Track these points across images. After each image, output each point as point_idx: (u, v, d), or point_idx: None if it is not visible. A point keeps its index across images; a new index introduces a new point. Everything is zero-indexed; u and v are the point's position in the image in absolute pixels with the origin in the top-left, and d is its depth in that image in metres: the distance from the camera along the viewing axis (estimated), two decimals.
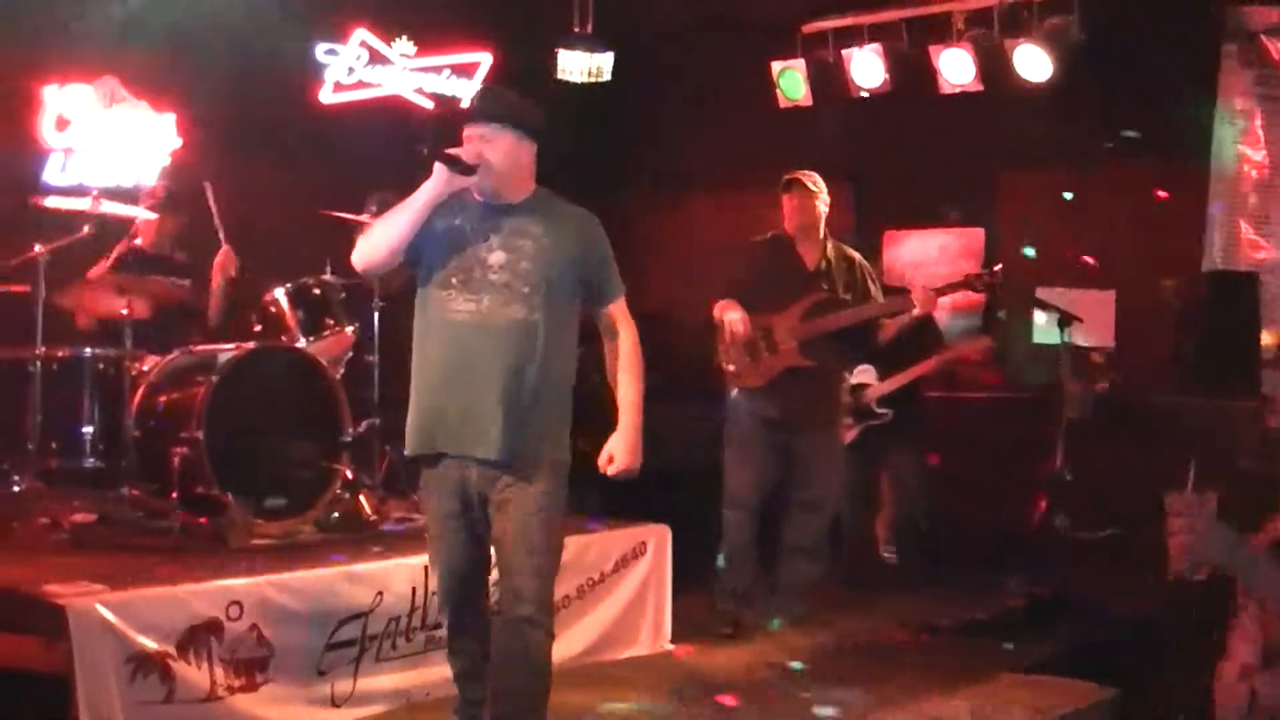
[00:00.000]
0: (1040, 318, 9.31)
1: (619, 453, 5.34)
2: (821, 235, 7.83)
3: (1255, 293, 8.70)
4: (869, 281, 7.97)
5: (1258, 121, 9.23)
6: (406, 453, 5.32)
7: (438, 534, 5.30)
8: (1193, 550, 3.40)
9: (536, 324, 5.09)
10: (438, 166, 5.09)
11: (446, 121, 5.32)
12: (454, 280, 5.14)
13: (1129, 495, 8.91)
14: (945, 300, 9.95)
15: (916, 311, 7.85)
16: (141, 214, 8.03)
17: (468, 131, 5.18)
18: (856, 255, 8.03)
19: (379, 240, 5.22)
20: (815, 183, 7.80)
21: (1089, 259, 9.77)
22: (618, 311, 5.41)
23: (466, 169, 5.08)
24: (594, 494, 6.14)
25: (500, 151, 5.13)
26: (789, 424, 7.73)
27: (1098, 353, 9.49)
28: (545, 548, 5.16)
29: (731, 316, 7.57)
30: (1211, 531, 3.40)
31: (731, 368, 7.74)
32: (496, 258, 5.12)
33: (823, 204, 7.80)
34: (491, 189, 5.18)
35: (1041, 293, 9.04)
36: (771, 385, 7.69)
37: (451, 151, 5.11)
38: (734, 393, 7.81)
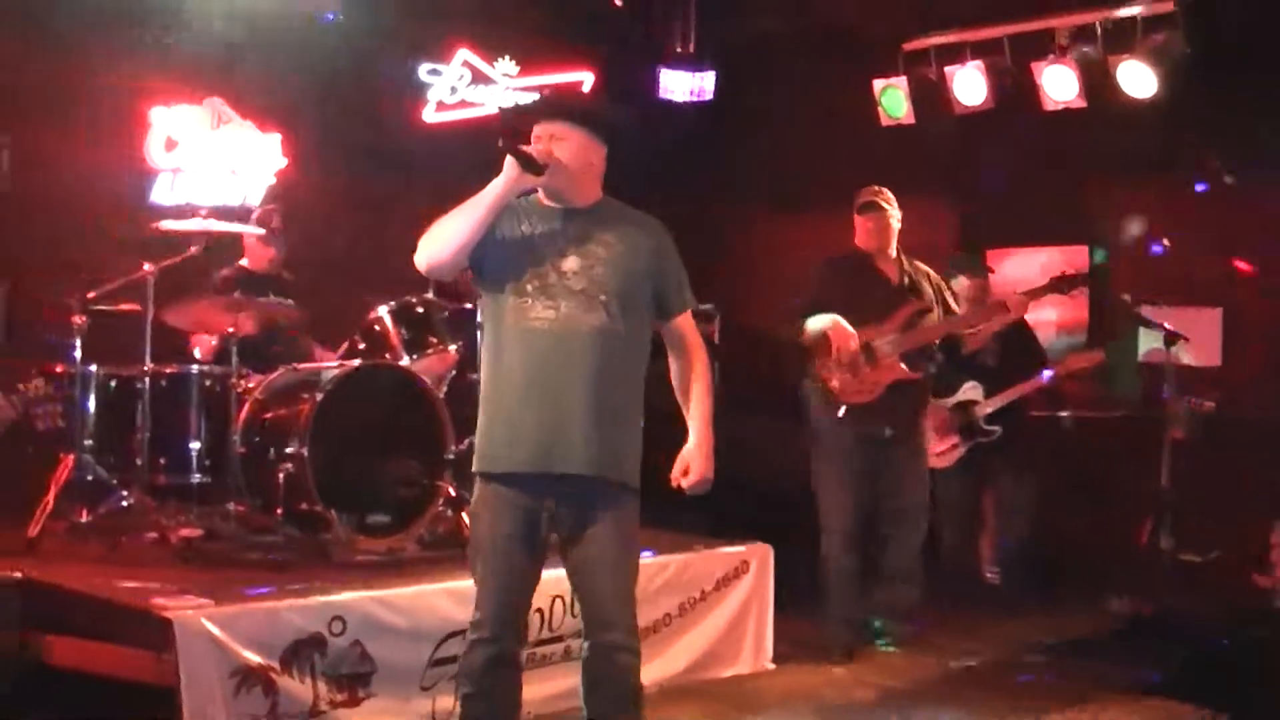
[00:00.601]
0: (1145, 335, 9.21)
1: (695, 464, 5.05)
2: (895, 251, 7.76)
3: None
4: (947, 294, 7.94)
5: None
6: (477, 469, 5.00)
7: (494, 553, 4.94)
8: None
9: (617, 333, 4.89)
10: (508, 161, 4.88)
11: (521, 117, 5.04)
12: (529, 287, 4.88)
13: (1235, 516, 8.83)
14: (1050, 317, 9.92)
15: (1011, 316, 7.83)
16: (249, 230, 8.14)
17: (538, 130, 4.99)
18: (930, 270, 7.96)
19: (446, 238, 4.96)
20: (889, 200, 7.72)
21: (1243, 265, 9.65)
22: (686, 324, 5.22)
23: (536, 167, 4.86)
24: (698, 512, 6.12)
25: (570, 151, 4.94)
26: (887, 440, 7.63)
27: (1204, 371, 9.36)
28: (630, 571, 5.05)
29: (839, 332, 7.46)
30: None
31: (836, 384, 7.57)
32: (571, 263, 4.89)
33: (896, 221, 7.72)
34: (559, 190, 4.98)
35: (1146, 310, 8.92)
36: (876, 400, 7.58)
37: (523, 148, 4.90)
38: (841, 411, 7.59)
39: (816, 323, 7.53)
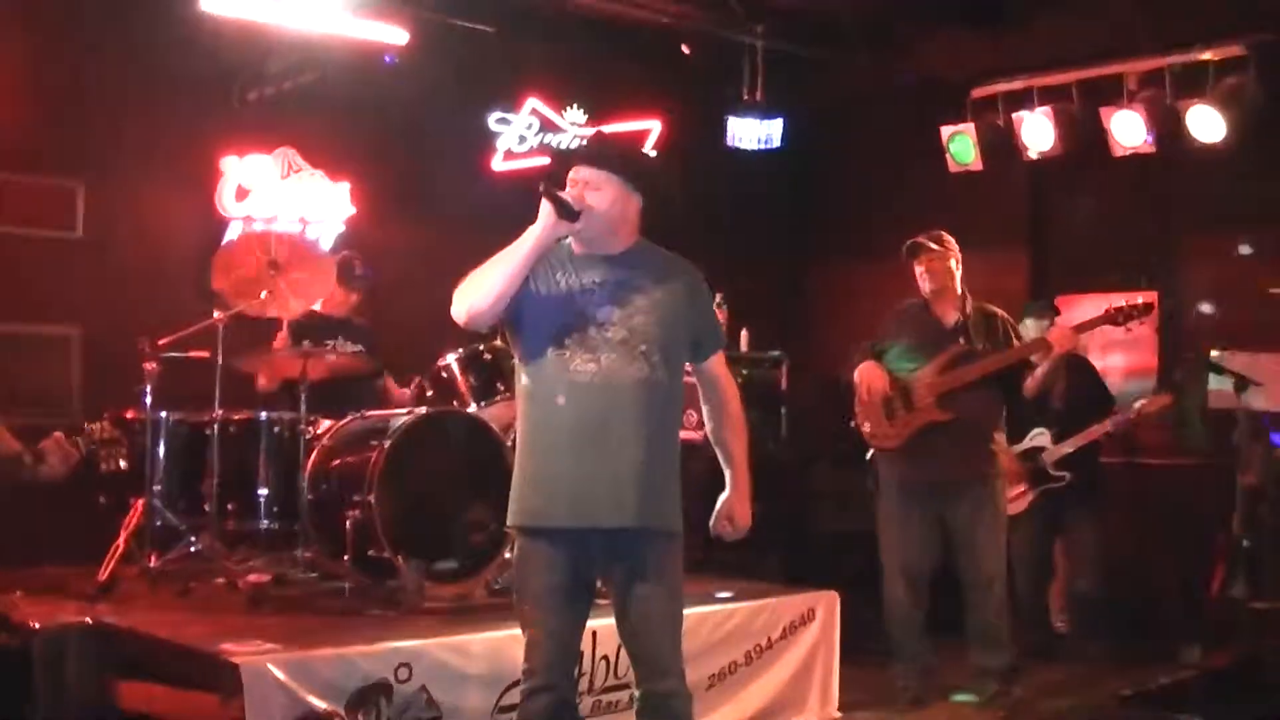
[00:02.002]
0: (1215, 381, 9.12)
1: (738, 513, 5.07)
2: (959, 294, 7.64)
3: None
4: (1012, 334, 7.76)
5: None
6: (513, 524, 4.94)
7: (544, 608, 4.88)
8: None
9: (660, 383, 4.84)
10: (545, 208, 4.85)
11: (562, 163, 5.01)
12: (567, 340, 4.83)
13: None
14: (1119, 362, 9.84)
15: (1056, 351, 7.53)
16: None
17: (573, 175, 4.95)
18: (999, 311, 7.83)
19: (485, 287, 4.89)
20: (942, 242, 7.61)
21: (1264, 317, 9.58)
22: (719, 366, 5.14)
23: (571, 212, 4.82)
24: (769, 560, 6.11)
25: (606, 200, 4.90)
26: (938, 487, 7.53)
27: (1277, 417, 9.27)
28: (679, 617, 4.99)
29: (868, 374, 7.51)
30: None
31: (867, 428, 7.62)
32: (607, 313, 4.85)
33: (955, 262, 7.62)
34: (593, 237, 4.94)
35: (1217, 355, 8.84)
36: (911, 446, 7.51)
37: (558, 193, 4.87)
38: (869, 454, 7.66)
39: (856, 371, 7.58)
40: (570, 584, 4.87)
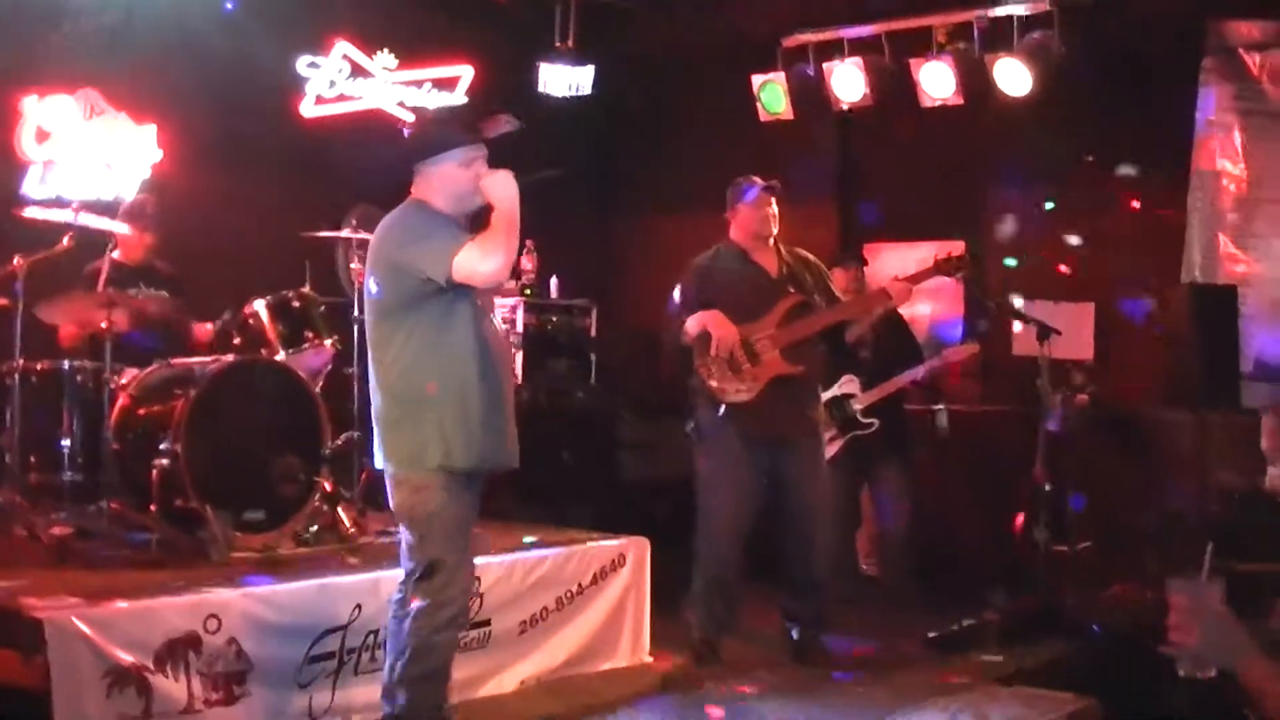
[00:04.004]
0: (1019, 330, 9.32)
1: None
2: (774, 242, 7.60)
3: (1234, 305, 8.71)
4: (829, 283, 7.80)
5: (1237, 136, 9.25)
6: (465, 465, 5.47)
7: (466, 540, 5.64)
8: (1198, 650, 3.22)
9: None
10: (510, 182, 5.43)
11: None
12: (479, 301, 5.49)
13: (1109, 508, 8.98)
14: (925, 311, 10.01)
15: (895, 304, 7.68)
16: (118, 228, 8.01)
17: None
18: (812, 257, 7.82)
19: (511, 253, 5.38)
20: (775, 188, 7.59)
21: (1064, 268, 9.81)
22: None
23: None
24: (579, 508, 6.16)
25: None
26: (776, 440, 7.44)
27: (1077, 365, 9.50)
28: None
29: (718, 325, 7.26)
30: (1216, 629, 3.20)
31: (714, 383, 7.34)
32: None
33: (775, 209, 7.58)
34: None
35: (1021, 305, 9.03)
36: (759, 399, 7.36)
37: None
38: (721, 410, 7.37)
39: (696, 320, 7.34)
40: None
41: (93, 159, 9.10)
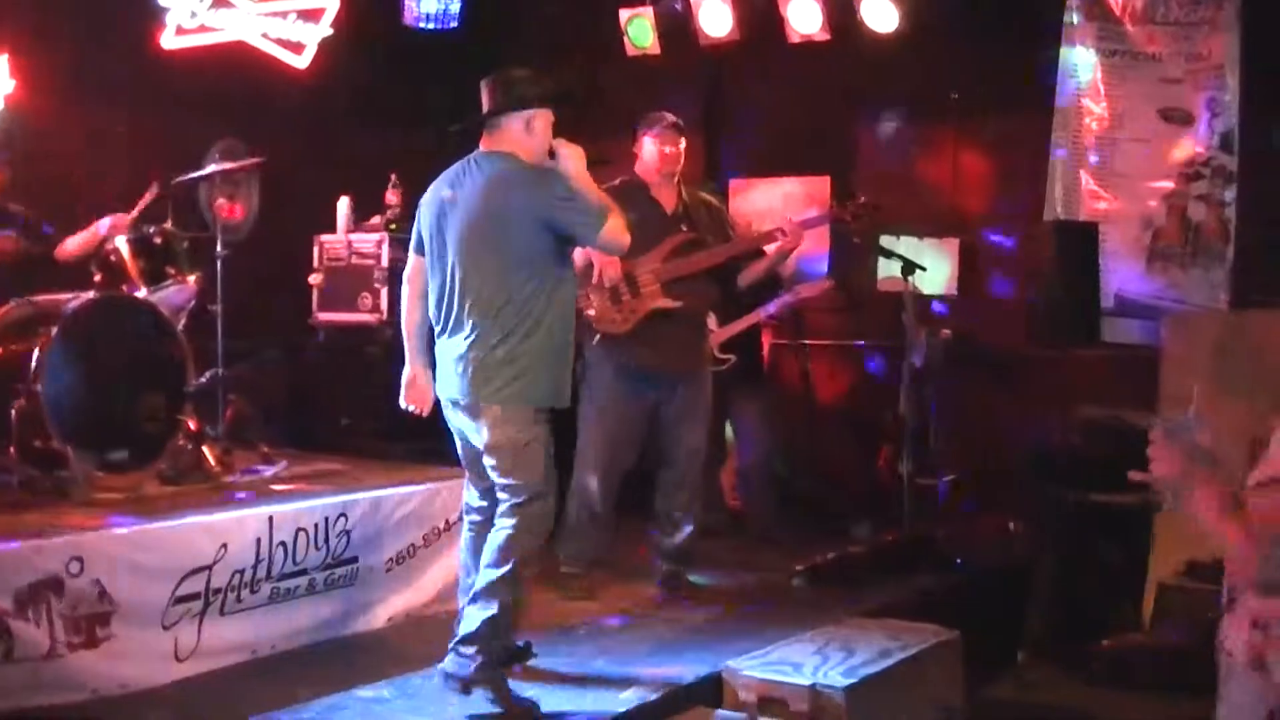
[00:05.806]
0: (884, 265, 9.40)
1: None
2: (677, 180, 7.69)
3: (1095, 242, 8.84)
4: (727, 225, 7.87)
5: (1099, 74, 9.36)
6: (560, 404, 5.89)
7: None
8: (1177, 481, 3.31)
9: None
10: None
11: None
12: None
13: (973, 442, 9.11)
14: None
15: (785, 244, 7.68)
16: None
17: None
18: (713, 199, 7.95)
19: None
20: (682, 127, 7.70)
21: (929, 204, 9.92)
22: None
23: None
24: (450, 445, 6.14)
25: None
26: (657, 376, 7.50)
27: (940, 300, 9.62)
28: None
29: (604, 258, 7.21)
30: (1199, 459, 3.29)
31: (592, 313, 7.35)
32: None
33: (682, 147, 7.68)
34: None
35: (885, 240, 9.10)
36: (636, 332, 7.41)
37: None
38: (595, 342, 7.44)
39: (583, 250, 7.04)
40: None
41: None
